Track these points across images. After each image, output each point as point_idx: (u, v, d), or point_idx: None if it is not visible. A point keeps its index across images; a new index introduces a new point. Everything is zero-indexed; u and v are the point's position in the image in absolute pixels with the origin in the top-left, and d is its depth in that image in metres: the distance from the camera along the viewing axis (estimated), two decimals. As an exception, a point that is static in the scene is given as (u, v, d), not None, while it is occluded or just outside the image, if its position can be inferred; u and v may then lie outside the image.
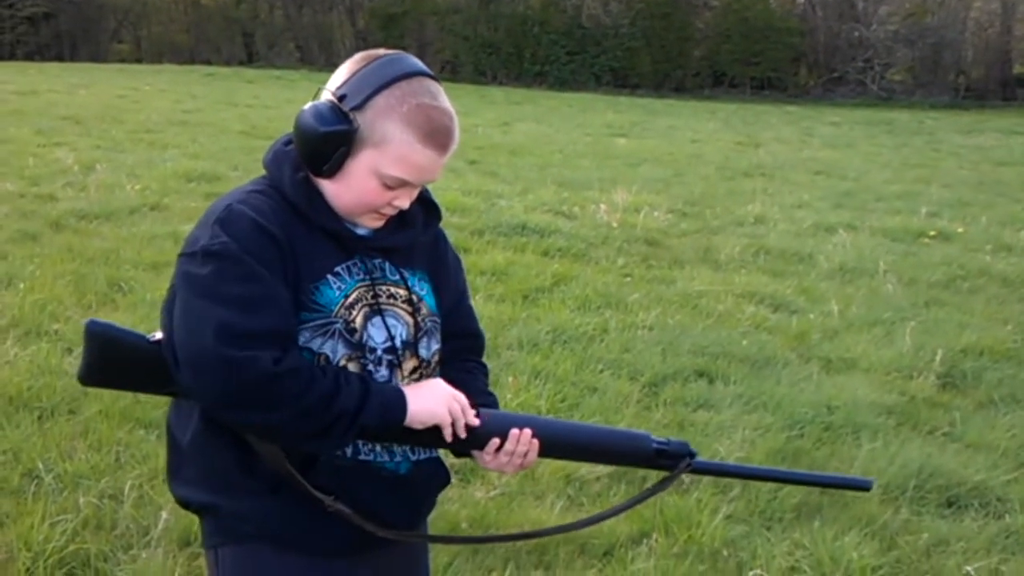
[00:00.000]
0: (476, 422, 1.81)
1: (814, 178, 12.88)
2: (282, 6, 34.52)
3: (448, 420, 1.79)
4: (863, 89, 28.42)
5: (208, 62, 32.10)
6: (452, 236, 7.64)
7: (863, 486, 2.19)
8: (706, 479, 3.96)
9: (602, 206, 9.30)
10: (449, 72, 31.08)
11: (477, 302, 6.16)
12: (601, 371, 5.24)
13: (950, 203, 11.08)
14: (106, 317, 5.45)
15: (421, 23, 31.83)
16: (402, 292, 1.85)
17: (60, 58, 31.74)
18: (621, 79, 29.79)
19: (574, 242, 8.05)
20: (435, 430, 1.80)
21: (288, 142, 1.84)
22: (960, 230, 9.42)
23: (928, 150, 16.72)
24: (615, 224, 8.73)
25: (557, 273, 7.05)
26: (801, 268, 7.82)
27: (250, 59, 33.60)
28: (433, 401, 1.78)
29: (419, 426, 1.77)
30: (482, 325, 2.14)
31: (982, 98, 27.99)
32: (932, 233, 9.19)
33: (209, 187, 9.32)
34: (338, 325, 1.76)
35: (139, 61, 32.56)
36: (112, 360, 1.79)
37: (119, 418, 4.21)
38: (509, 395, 4.69)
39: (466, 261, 7.10)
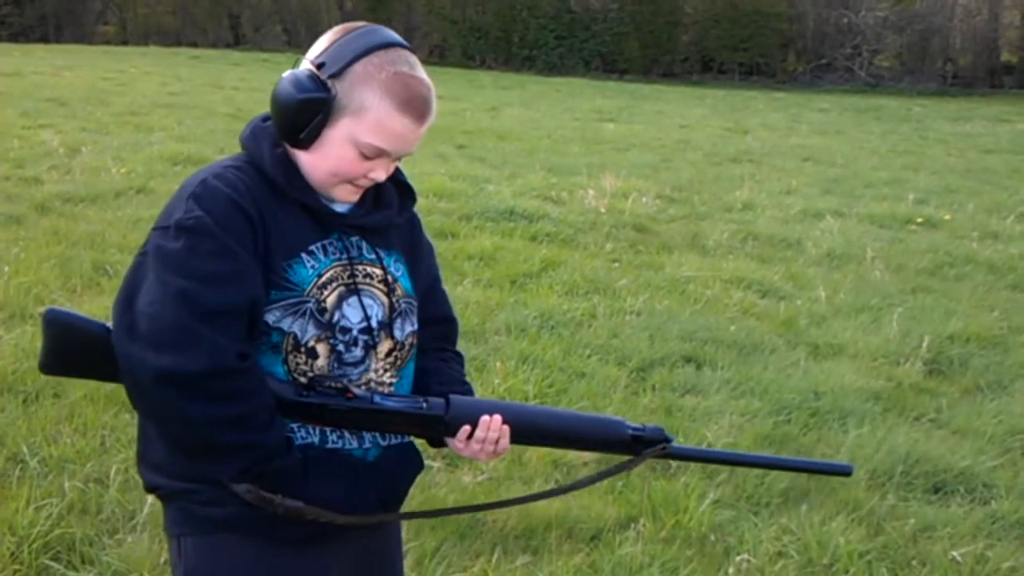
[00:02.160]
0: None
1: (802, 164, 12.89)
2: (269, -12, 34.34)
3: None
4: (851, 76, 28.45)
5: (194, 44, 31.94)
6: (439, 221, 7.60)
7: (843, 471, 2.13)
8: (694, 464, 3.97)
9: (590, 191, 9.29)
10: (437, 56, 31.00)
11: (465, 287, 6.17)
12: (589, 356, 5.23)
13: (937, 190, 11.11)
14: (91, 300, 5.47)
15: (409, 6, 31.72)
16: (378, 272, 1.83)
17: (45, 40, 31.48)
18: (609, 64, 29.76)
19: (562, 227, 8.04)
20: (404, 417, 1.79)
21: (266, 119, 1.82)
22: (947, 217, 9.45)
23: (916, 137, 16.75)
24: (603, 209, 8.72)
25: (545, 258, 7.04)
26: (789, 254, 7.83)
27: (237, 41, 33.44)
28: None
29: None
30: (470, 310, 2.13)
31: (970, 85, 28.07)
32: (919, 220, 9.21)
33: (195, 169, 9.20)
34: (310, 304, 1.74)
35: (125, 43, 32.34)
36: (73, 349, 1.75)
37: (104, 402, 4.18)
38: (497, 380, 4.68)
39: (453, 246, 7.15)
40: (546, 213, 8.44)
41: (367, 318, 1.80)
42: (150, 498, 3.40)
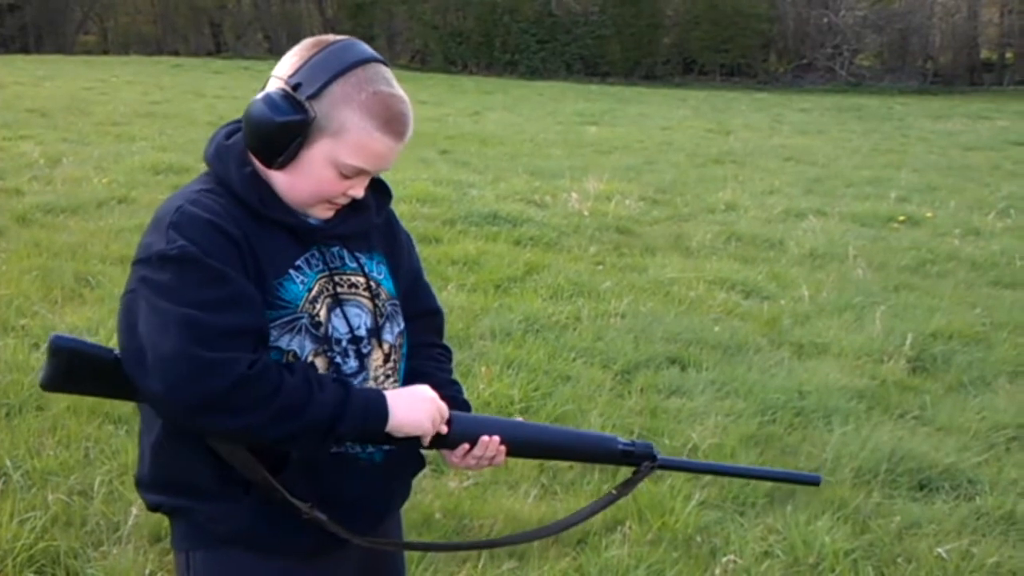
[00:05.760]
0: (446, 430, 1.80)
1: (784, 164, 12.93)
2: (250, -4, 34.30)
3: (430, 433, 1.77)
4: (832, 75, 28.57)
5: (176, 53, 31.90)
6: (423, 226, 7.57)
7: (812, 481, 2.21)
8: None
9: (573, 195, 9.30)
10: (419, 61, 30.99)
11: (449, 292, 6.16)
12: (574, 360, 5.23)
13: (919, 188, 11.16)
14: (73, 312, 5.45)
15: (390, 12, 31.71)
16: (361, 280, 1.82)
17: (25, 50, 31.38)
18: (591, 67, 29.81)
19: (546, 231, 8.04)
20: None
21: (229, 135, 1.79)
22: (929, 215, 9.49)
23: (897, 135, 16.82)
24: (586, 212, 8.73)
25: (529, 262, 7.04)
26: (772, 254, 7.85)
27: (218, 49, 33.40)
28: (418, 413, 1.75)
29: (400, 435, 1.74)
30: (454, 315, 2.14)
31: (950, 83, 28.22)
32: (901, 218, 9.25)
33: (177, 179, 9.23)
34: (304, 320, 1.73)
35: (106, 53, 32.28)
36: (76, 374, 1.74)
37: (88, 414, 4.17)
38: (482, 385, 4.68)
39: (437, 251, 7.15)
40: (530, 217, 8.45)
41: (351, 328, 1.79)
42: (135, 509, 3.40)
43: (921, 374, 5.37)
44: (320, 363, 1.75)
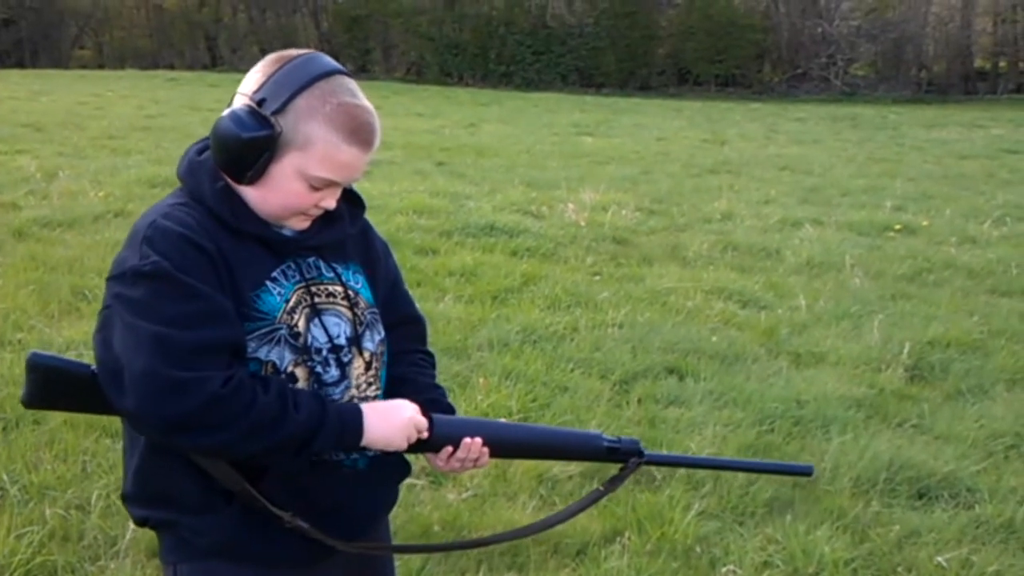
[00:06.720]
0: (426, 436, 1.83)
1: (780, 174, 12.95)
2: (245, 9, 34.38)
3: (404, 448, 1.80)
4: (827, 85, 28.64)
5: (171, 67, 31.94)
6: (420, 238, 7.57)
7: (804, 471, 2.23)
8: (678, 476, 3.98)
9: (570, 205, 9.31)
10: (414, 73, 31.03)
11: (446, 303, 6.17)
12: (572, 370, 5.23)
13: (915, 197, 11.18)
14: (70, 326, 5.44)
15: (385, 25, 31.77)
16: (339, 289, 1.84)
17: (21, 65, 31.39)
18: (587, 78, 29.87)
19: (543, 242, 8.04)
20: None
21: (201, 151, 1.80)
22: (925, 223, 9.50)
23: (892, 144, 16.85)
24: (583, 223, 8.73)
25: (526, 273, 7.04)
26: (768, 263, 7.85)
27: (213, 63, 33.44)
28: (392, 429, 1.78)
29: (374, 449, 1.78)
30: (452, 326, 2.14)
31: (944, 92, 28.29)
32: (897, 226, 9.26)
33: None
34: (283, 331, 1.74)
35: (101, 67, 32.30)
36: (55, 390, 1.77)
37: (85, 427, 4.16)
38: (480, 396, 4.67)
39: (434, 262, 7.15)
40: (526, 228, 8.45)
41: (331, 338, 1.80)
42: (132, 524, 3.38)
43: (919, 382, 5.37)
44: (300, 373, 1.76)
